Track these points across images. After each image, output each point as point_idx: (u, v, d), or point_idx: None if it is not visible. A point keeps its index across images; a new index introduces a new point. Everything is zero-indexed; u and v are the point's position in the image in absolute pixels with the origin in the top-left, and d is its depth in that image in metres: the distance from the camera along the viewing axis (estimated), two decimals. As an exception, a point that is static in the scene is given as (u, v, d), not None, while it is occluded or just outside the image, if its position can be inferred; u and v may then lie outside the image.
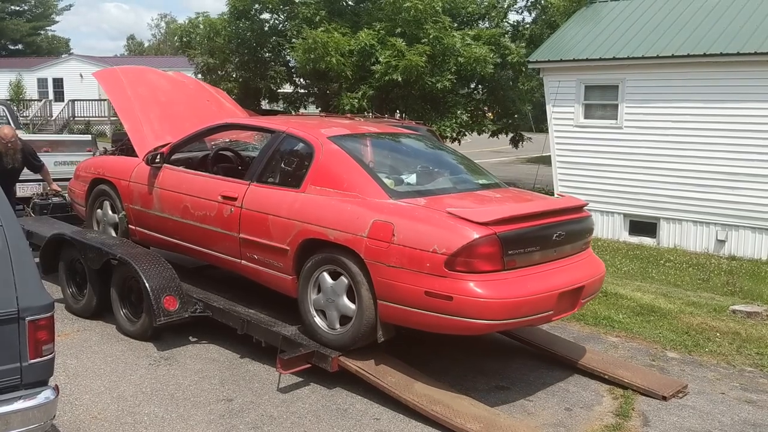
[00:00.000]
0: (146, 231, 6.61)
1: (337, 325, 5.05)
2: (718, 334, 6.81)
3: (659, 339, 6.64)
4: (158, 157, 6.38)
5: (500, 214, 4.63)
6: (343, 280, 4.96)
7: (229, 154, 6.96)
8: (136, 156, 6.82)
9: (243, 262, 5.65)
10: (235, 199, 5.62)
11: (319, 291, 5.13)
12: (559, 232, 4.91)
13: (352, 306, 4.92)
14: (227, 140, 7.35)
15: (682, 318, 7.31)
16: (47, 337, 3.47)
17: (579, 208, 5.29)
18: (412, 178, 5.54)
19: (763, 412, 5.11)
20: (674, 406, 5.10)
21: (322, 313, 5.14)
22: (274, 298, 5.69)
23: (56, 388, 3.55)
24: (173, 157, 6.49)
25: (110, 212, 7.06)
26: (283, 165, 5.74)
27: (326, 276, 5.07)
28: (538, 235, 4.78)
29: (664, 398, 5.17)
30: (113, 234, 6.98)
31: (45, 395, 3.46)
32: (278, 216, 5.29)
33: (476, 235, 4.43)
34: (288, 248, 5.21)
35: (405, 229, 4.62)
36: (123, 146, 7.73)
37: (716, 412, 5.06)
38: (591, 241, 5.56)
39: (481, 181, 5.80)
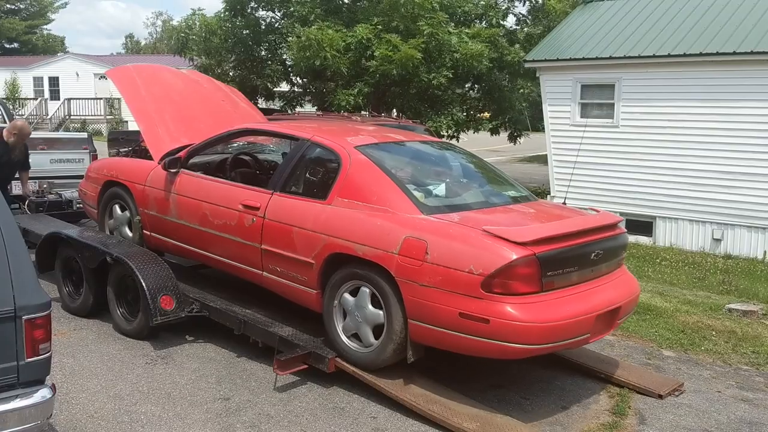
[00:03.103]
0: (162, 237, 6.43)
1: (364, 343, 4.90)
2: (714, 333, 6.83)
3: (655, 337, 6.66)
4: (175, 161, 6.20)
5: (539, 234, 4.47)
6: (372, 297, 4.81)
7: (247, 158, 6.77)
8: (151, 158, 6.65)
9: (265, 273, 5.49)
10: (257, 208, 5.44)
11: (345, 307, 4.98)
12: (597, 250, 4.75)
13: (381, 324, 4.77)
14: (243, 143, 7.23)
15: (678, 317, 7.32)
16: (44, 335, 3.46)
17: (615, 225, 5.14)
18: (440, 190, 5.35)
19: (758, 410, 5.12)
20: (670, 405, 5.11)
21: (349, 330, 5.00)
22: (271, 298, 5.68)
23: (53, 387, 3.55)
24: (190, 161, 6.32)
25: (127, 230, 6.84)
26: (308, 175, 5.55)
27: (353, 292, 4.92)
28: (576, 255, 4.62)
29: (660, 397, 5.18)
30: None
31: (42, 394, 3.45)
32: (303, 228, 5.13)
33: (515, 256, 4.27)
34: (313, 262, 5.05)
35: (439, 248, 4.45)
36: (137, 148, 7.63)
37: (712, 410, 5.08)
38: (624, 259, 5.40)
39: (511, 194, 5.60)
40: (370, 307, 4.83)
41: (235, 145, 7.20)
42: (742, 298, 8.63)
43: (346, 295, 4.96)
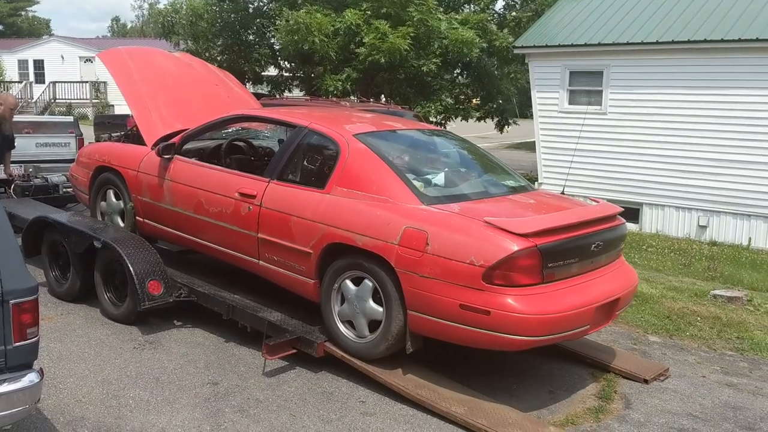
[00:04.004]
0: (155, 224, 6.35)
1: (358, 333, 4.90)
2: (699, 319, 6.89)
3: (641, 323, 6.72)
4: (169, 147, 6.11)
5: (541, 225, 4.45)
6: (370, 287, 4.79)
7: (242, 145, 6.70)
8: (143, 143, 6.54)
9: (261, 262, 5.43)
10: (253, 196, 5.37)
11: (343, 297, 4.95)
12: (597, 242, 4.73)
13: (380, 315, 4.75)
14: (237, 128, 7.15)
15: (664, 303, 7.39)
16: (31, 320, 3.44)
17: (615, 216, 5.12)
18: (440, 179, 5.29)
19: (743, 395, 5.19)
20: (656, 389, 5.17)
21: (344, 316, 4.98)
22: (259, 283, 5.67)
23: (41, 372, 3.53)
24: (184, 147, 6.22)
25: (119, 219, 6.75)
26: (305, 163, 5.49)
27: (351, 282, 4.89)
28: (577, 246, 4.60)
29: (646, 381, 5.24)
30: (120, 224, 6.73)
31: (29, 378, 3.44)
32: (301, 217, 5.06)
33: (516, 248, 4.24)
34: (311, 251, 5.00)
35: (440, 239, 4.41)
36: (129, 132, 7.54)
37: (697, 395, 5.13)
38: (623, 249, 5.38)
39: (510, 183, 5.56)
40: (371, 301, 4.81)
41: (230, 130, 7.13)
42: (727, 284, 8.72)
43: (347, 282, 4.93)
